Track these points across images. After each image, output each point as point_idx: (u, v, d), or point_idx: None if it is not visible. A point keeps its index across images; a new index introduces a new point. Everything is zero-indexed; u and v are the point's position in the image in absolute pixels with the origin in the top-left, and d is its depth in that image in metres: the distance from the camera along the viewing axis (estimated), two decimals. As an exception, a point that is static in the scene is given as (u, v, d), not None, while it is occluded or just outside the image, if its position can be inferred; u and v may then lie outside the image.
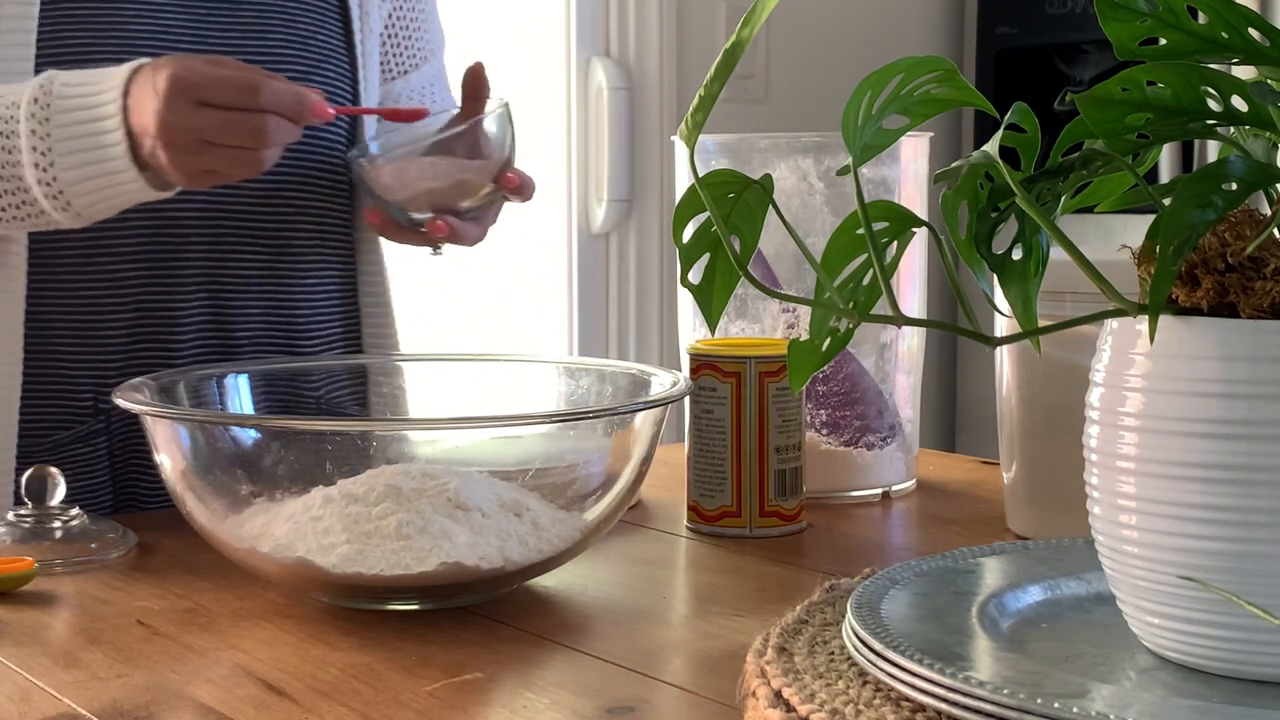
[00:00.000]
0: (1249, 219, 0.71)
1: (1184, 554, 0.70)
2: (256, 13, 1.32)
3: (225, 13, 1.30)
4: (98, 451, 1.29)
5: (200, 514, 0.97)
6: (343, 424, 1.14)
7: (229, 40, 1.30)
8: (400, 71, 1.45)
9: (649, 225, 2.99)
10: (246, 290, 1.32)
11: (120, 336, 1.28)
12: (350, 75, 1.37)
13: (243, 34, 1.30)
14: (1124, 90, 0.70)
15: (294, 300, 1.35)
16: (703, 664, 0.86)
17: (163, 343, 1.29)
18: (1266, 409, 0.68)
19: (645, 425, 0.99)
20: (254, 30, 1.31)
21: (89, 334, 1.27)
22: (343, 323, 1.40)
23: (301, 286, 1.35)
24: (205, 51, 1.28)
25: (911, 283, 1.31)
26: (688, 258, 0.84)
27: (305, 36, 1.34)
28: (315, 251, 1.36)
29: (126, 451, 1.30)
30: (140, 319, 1.28)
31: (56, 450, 1.27)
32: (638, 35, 2.96)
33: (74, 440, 1.28)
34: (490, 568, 0.93)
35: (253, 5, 1.32)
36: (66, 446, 1.28)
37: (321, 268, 1.37)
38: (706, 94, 0.79)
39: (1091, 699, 0.66)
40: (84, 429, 1.28)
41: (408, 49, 1.45)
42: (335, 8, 1.37)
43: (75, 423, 1.28)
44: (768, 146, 1.28)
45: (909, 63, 0.78)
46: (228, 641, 0.90)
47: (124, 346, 1.28)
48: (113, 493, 1.29)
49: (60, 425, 1.28)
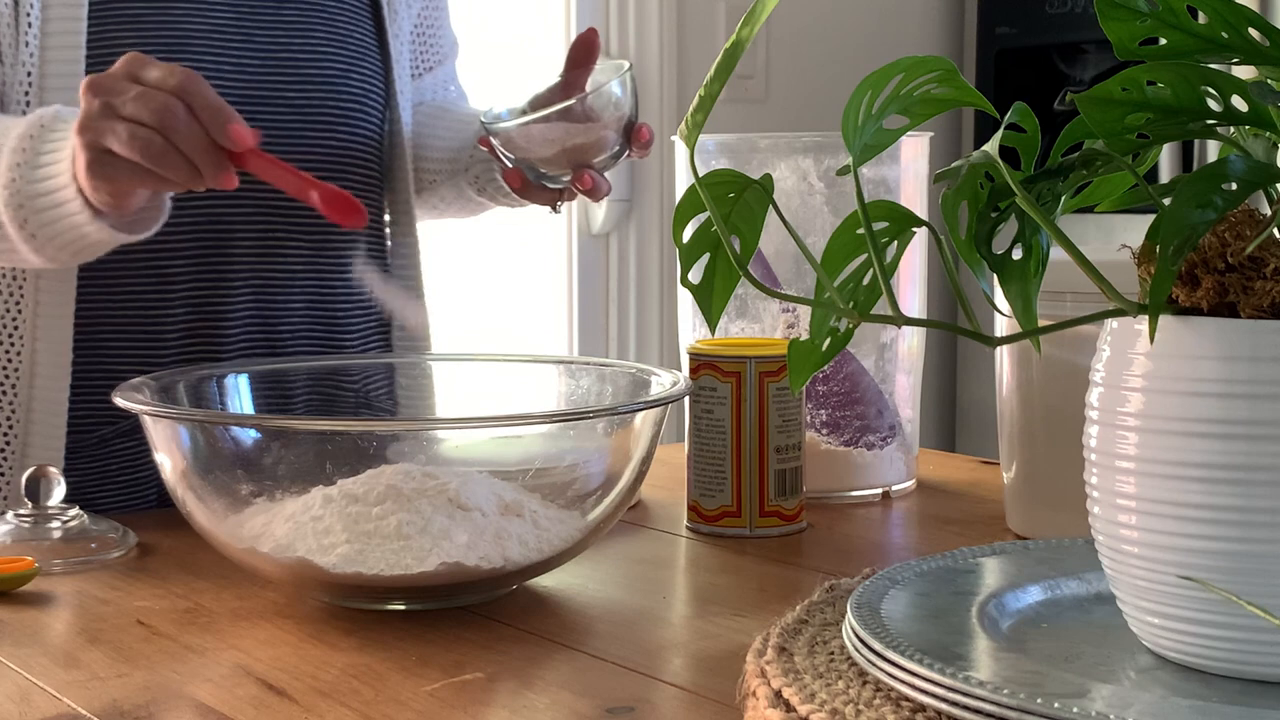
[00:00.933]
0: (1249, 219, 0.71)
1: (1184, 554, 0.70)
2: (299, 11, 1.34)
3: (270, 10, 1.32)
4: (143, 445, 1.28)
5: (200, 514, 0.97)
6: (343, 424, 1.14)
7: (274, 38, 1.32)
8: (423, 70, 1.49)
9: (649, 225, 2.99)
10: (290, 285, 1.33)
11: (171, 332, 1.29)
12: (383, 73, 1.39)
13: (287, 31, 1.32)
14: (1124, 90, 0.70)
15: (334, 295, 1.36)
16: (703, 664, 0.86)
17: (212, 338, 1.30)
18: (1266, 409, 0.68)
19: (645, 425, 0.99)
20: (297, 28, 1.33)
21: (139, 330, 1.28)
22: (379, 318, 1.41)
23: (341, 281, 1.37)
24: (252, 49, 1.30)
25: (911, 283, 1.31)
26: (688, 258, 0.84)
27: (343, 35, 1.36)
28: (353, 246, 1.38)
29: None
30: (190, 314, 1.29)
31: (103, 445, 1.28)
32: (638, 35, 2.96)
33: (119, 435, 1.29)
34: (490, 567, 0.93)
35: (295, 4, 1.34)
36: (112, 441, 1.29)
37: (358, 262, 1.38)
38: (706, 94, 0.79)
39: (1091, 699, 0.66)
40: (128, 424, 1.28)
41: (430, 49, 1.49)
42: (368, 7, 1.39)
43: (121, 417, 1.28)
44: (768, 146, 1.28)
45: (909, 63, 0.78)
46: (228, 641, 0.90)
47: (175, 342, 1.29)
48: (158, 487, 1.29)
49: (106, 421, 1.28)
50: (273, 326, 1.33)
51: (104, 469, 1.29)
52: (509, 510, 0.96)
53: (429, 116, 1.46)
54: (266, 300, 1.32)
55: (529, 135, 1.25)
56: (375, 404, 1.36)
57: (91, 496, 1.27)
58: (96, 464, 1.29)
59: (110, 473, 1.29)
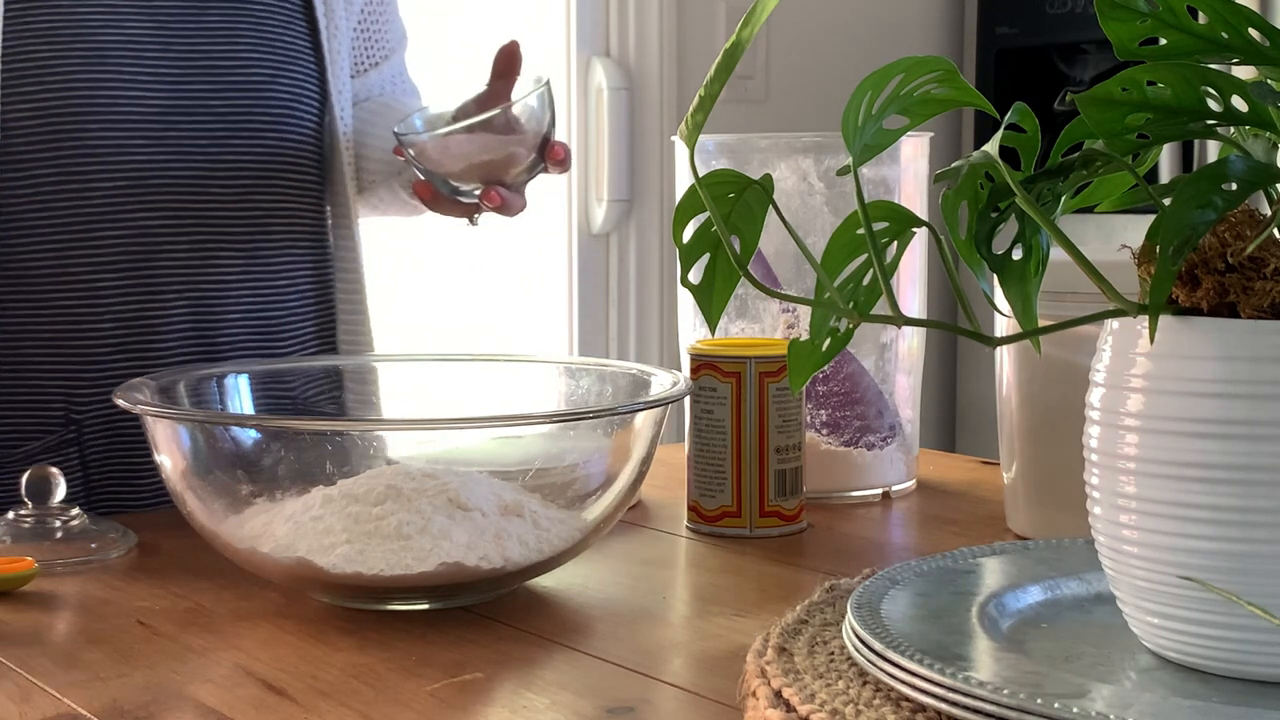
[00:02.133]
0: (1249, 219, 0.71)
1: (1184, 554, 0.70)
2: (222, 15, 1.31)
3: (191, 16, 1.30)
4: (69, 461, 1.28)
5: (201, 514, 0.97)
6: (344, 424, 1.14)
7: (195, 45, 1.29)
8: (368, 66, 1.47)
9: (649, 225, 2.99)
10: (225, 295, 1.32)
11: (99, 347, 1.27)
12: (318, 75, 1.37)
13: (210, 38, 1.30)
14: (1124, 90, 0.70)
15: (270, 302, 1.35)
16: (703, 664, 0.86)
17: (143, 351, 1.28)
18: (1267, 409, 0.68)
19: (645, 425, 0.99)
20: (220, 33, 1.31)
21: (63, 344, 1.26)
22: (316, 323, 1.40)
23: (275, 288, 1.35)
24: (170, 57, 1.28)
25: (912, 283, 1.31)
26: (688, 258, 0.84)
27: (272, 38, 1.34)
28: (288, 252, 1.36)
29: (101, 460, 1.29)
30: (119, 328, 1.27)
31: (28, 460, 1.25)
32: (638, 35, 2.96)
33: (44, 450, 1.27)
34: (490, 567, 0.93)
35: (218, 8, 1.31)
36: (38, 456, 1.27)
37: (294, 268, 1.37)
38: (707, 94, 0.80)
39: (1092, 699, 0.66)
40: (54, 439, 1.27)
41: (375, 44, 1.47)
42: (300, 8, 1.37)
43: (45, 433, 1.27)
44: (768, 146, 1.28)
45: (909, 63, 0.78)
46: (228, 641, 0.90)
47: (103, 356, 1.27)
48: (87, 503, 1.28)
49: (31, 436, 1.27)
50: (211, 336, 1.31)
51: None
52: (509, 511, 0.96)
53: (372, 114, 1.44)
54: (203, 310, 1.30)
55: (442, 148, 1.24)
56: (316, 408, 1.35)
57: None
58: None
59: None
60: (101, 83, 1.25)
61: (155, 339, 1.29)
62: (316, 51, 1.37)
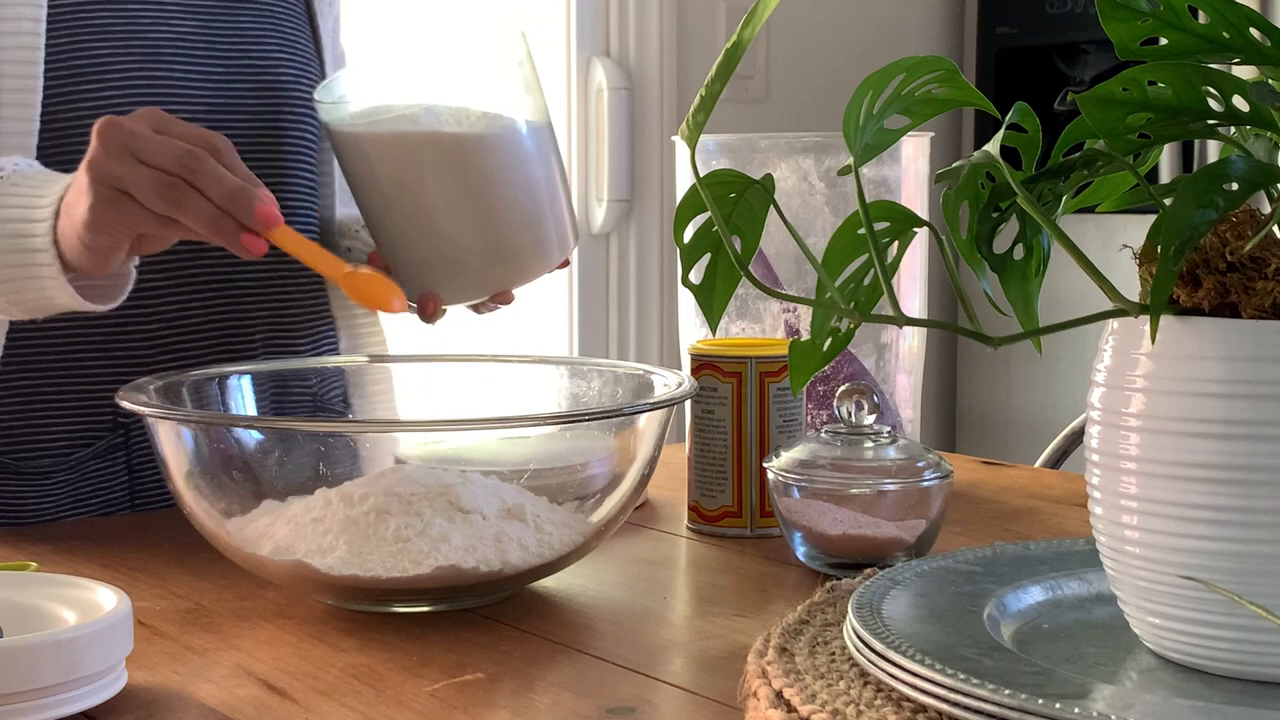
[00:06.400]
0: (1250, 219, 0.71)
1: (1186, 554, 0.70)
2: (253, 17, 1.32)
3: (228, 16, 1.31)
4: (116, 466, 1.27)
5: (202, 515, 0.97)
6: (344, 425, 1.14)
7: (234, 45, 1.30)
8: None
9: (649, 225, 2.99)
10: (258, 294, 1.32)
11: (144, 347, 1.27)
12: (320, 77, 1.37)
13: (245, 38, 1.31)
14: (1125, 90, 0.70)
15: (294, 302, 1.35)
16: (703, 664, 0.86)
17: (184, 351, 1.28)
18: (1268, 409, 0.68)
19: (650, 426, 0.99)
20: (252, 34, 1.32)
21: (113, 347, 1.26)
22: (334, 322, 1.40)
23: (298, 286, 1.35)
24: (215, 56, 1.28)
25: (912, 283, 1.30)
26: (689, 258, 0.84)
27: (291, 40, 1.35)
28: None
29: (144, 462, 1.29)
30: (164, 328, 1.27)
31: (78, 468, 1.25)
32: (638, 35, 2.95)
33: (94, 457, 1.27)
34: (488, 571, 0.93)
35: (250, 9, 1.32)
36: (88, 463, 1.26)
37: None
38: (707, 94, 0.80)
39: (1093, 699, 0.66)
40: (103, 444, 1.27)
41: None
42: (303, 9, 1.38)
43: (95, 439, 1.27)
44: (768, 146, 1.28)
45: (910, 63, 0.78)
46: (228, 642, 0.90)
47: (147, 357, 1.27)
48: (131, 506, 1.28)
49: (81, 443, 1.26)
50: (244, 337, 1.31)
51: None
52: (511, 514, 0.95)
53: None
54: (236, 311, 1.30)
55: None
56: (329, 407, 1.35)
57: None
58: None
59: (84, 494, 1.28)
60: (157, 80, 1.25)
61: (195, 339, 1.29)
62: (319, 54, 1.38)
